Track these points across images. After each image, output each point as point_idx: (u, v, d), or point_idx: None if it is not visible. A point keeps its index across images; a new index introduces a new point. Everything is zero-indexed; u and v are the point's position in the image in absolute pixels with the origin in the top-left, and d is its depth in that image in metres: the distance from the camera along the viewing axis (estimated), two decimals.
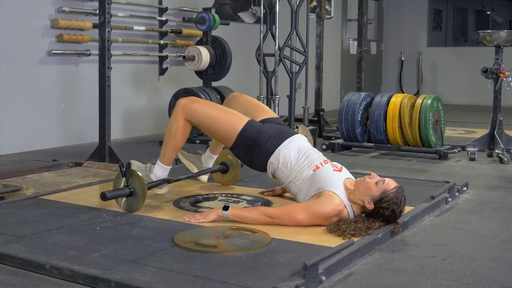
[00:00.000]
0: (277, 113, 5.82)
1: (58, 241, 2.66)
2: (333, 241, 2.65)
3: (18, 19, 5.37)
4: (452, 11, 14.43)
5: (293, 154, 3.16)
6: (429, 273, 2.42)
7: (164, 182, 3.32)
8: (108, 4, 4.67)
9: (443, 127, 5.47)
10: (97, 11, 4.81)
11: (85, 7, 5.88)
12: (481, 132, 5.78)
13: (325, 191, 2.95)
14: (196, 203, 3.40)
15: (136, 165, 3.33)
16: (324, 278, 2.27)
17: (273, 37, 5.92)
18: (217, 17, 6.31)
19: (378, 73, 12.18)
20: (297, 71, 5.87)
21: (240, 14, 8.17)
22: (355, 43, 8.74)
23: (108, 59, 4.68)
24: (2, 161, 4.87)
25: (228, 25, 7.00)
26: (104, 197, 3.06)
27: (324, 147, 5.72)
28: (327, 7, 9.71)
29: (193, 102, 3.22)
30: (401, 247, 2.75)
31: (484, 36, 5.25)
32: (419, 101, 5.29)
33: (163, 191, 3.36)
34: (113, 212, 3.15)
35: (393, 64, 12.30)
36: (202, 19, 6.26)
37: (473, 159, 5.17)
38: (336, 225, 2.83)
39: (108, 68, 4.68)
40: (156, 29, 6.66)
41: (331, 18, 9.05)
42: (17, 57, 5.38)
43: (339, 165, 3.16)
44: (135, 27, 6.32)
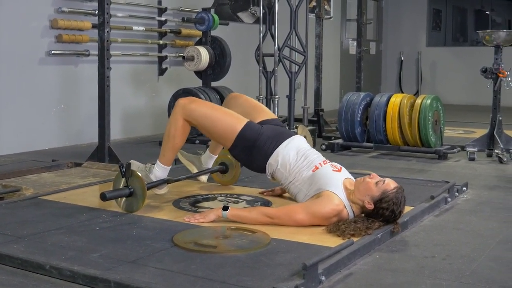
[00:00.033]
0: (276, 113, 5.82)
1: (57, 241, 2.66)
2: (332, 241, 2.66)
3: (18, 19, 5.37)
4: (452, 11, 14.44)
5: (292, 155, 3.15)
6: (428, 273, 2.42)
7: (164, 182, 3.32)
8: (108, 4, 4.67)
9: (442, 127, 5.47)
10: (97, 11, 4.81)
11: (85, 7, 5.88)
12: (480, 132, 5.77)
13: (324, 191, 2.95)
14: (196, 203, 3.40)
15: (136, 165, 3.34)
16: (323, 278, 2.27)
17: (273, 37, 5.91)
18: (216, 17, 6.31)
19: (378, 73, 12.18)
20: (296, 71, 5.87)
21: (239, 14, 8.16)
22: (355, 43, 8.74)
23: (108, 59, 4.68)
24: (2, 162, 4.87)
25: (227, 25, 7.00)
26: (104, 197, 3.06)
27: (324, 147, 5.72)
28: (326, 7, 9.72)
29: (192, 102, 3.22)
30: (401, 247, 2.75)
31: (483, 36, 5.25)
32: (418, 101, 5.29)
33: (162, 191, 3.36)
34: (112, 212, 3.15)
35: (393, 64, 12.30)
36: (202, 19, 6.26)
37: (472, 159, 5.17)
38: (336, 225, 2.83)
39: (108, 68, 4.68)
40: (155, 29, 6.66)
41: (330, 18, 9.05)
42: (16, 58, 5.38)
43: (338, 165, 3.16)
44: (135, 27, 6.32)
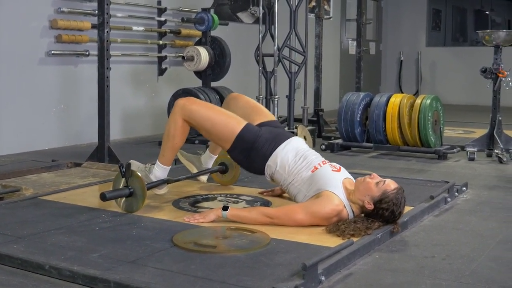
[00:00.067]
0: (276, 113, 5.82)
1: (57, 241, 2.66)
2: (332, 241, 2.66)
3: (17, 19, 5.36)
4: (451, 11, 14.44)
5: (290, 156, 3.15)
6: (428, 273, 2.42)
7: (164, 182, 3.32)
8: (107, 4, 4.67)
9: (442, 127, 5.47)
10: (96, 11, 4.81)
11: (84, 7, 5.88)
12: (480, 132, 5.77)
13: (324, 191, 2.95)
14: (196, 203, 3.40)
15: (136, 165, 3.34)
16: (323, 278, 2.27)
17: (272, 37, 5.91)
18: (216, 17, 6.31)
19: (377, 73, 12.18)
20: (296, 71, 5.87)
21: (239, 15, 8.16)
22: (354, 43, 8.75)
23: (107, 59, 4.68)
24: (2, 162, 4.87)
25: (227, 25, 6.99)
26: (103, 197, 3.06)
27: (324, 147, 5.72)
28: (326, 7, 9.72)
29: (191, 103, 3.22)
30: (401, 247, 2.75)
31: (483, 36, 5.25)
32: (418, 101, 5.29)
33: (162, 191, 3.36)
34: (112, 212, 3.15)
35: (392, 64, 12.30)
36: (201, 20, 6.26)
37: (472, 159, 5.17)
38: (336, 225, 2.83)
39: (107, 68, 4.68)
40: (155, 30, 6.66)
41: (330, 18, 9.05)
42: (16, 58, 5.37)
43: (337, 165, 3.15)
44: (134, 28, 6.32)
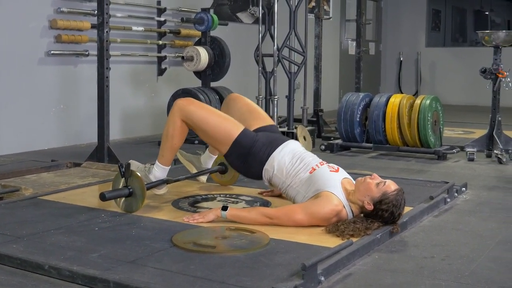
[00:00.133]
0: (276, 114, 5.82)
1: (56, 241, 2.66)
2: (332, 242, 2.66)
3: (17, 19, 5.36)
4: (451, 11, 14.46)
5: (287, 159, 3.15)
6: (428, 273, 2.42)
7: (163, 182, 3.32)
8: (107, 4, 4.67)
9: (442, 127, 5.48)
10: (96, 11, 4.81)
11: (84, 7, 5.88)
12: (480, 133, 5.77)
13: (323, 191, 2.94)
14: (195, 203, 3.40)
15: (135, 165, 3.33)
16: (322, 279, 2.27)
17: (272, 37, 5.91)
18: (215, 17, 6.31)
19: (377, 74, 12.18)
20: (295, 71, 5.87)
21: (238, 15, 8.16)
22: (354, 43, 8.75)
23: (107, 59, 4.68)
24: (1, 162, 4.87)
25: (226, 25, 6.99)
26: (103, 197, 3.06)
27: (323, 147, 5.72)
28: (325, 7, 9.72)
29: (190, 104, 3.21)
30: (400, 248, 2.75)
31: (482, 36, 5.25)
32: (417, 101, 5.29)
33: (162, 191, 3.36)
34: (112, 212, 3.15)
35: (392, 65, 12.30)
36: (201, 20, 6.26)
37: (472, 160, 5.17)
38: (335, 225, 2.83)
39: (107, 68, 4.68)
40: (154, 30, 6.66)
41: (329, 18, 9.05)
42: (15, 58, 5.37)
43: (335, 166, 3.15)
44: (134, 28, 6.32)
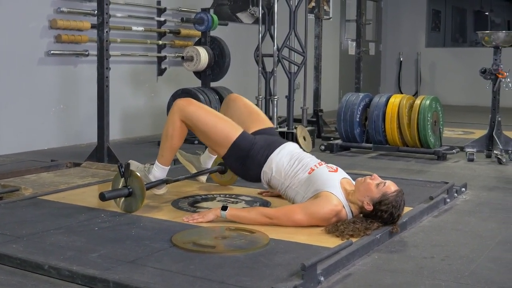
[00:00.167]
0: (275, 114, 5.82)
1: (56, 241, 2.66)
2: (331, 242, 2.66)
3: (17, 19, 5.36)
4: (451, 11, 14.47)
5: (285, 160, 3.15)
6: (427, 273, 2.42)
7: (163, 182, 3.32)
8: (107, 4, 4.67)
9: (441, 127, 5.48)
10: (96, 11, 4.81)
11: (84, 7, 5.88)
12: (479, 133, 5.78)
13: (322, 191, 2.94)
14: (195, 203, 3.40)
15: (135, 165, 3.33)
16: (322, 279, 2.27)
17: (272, 37, 5.91)
18: (215, 17, 6.31)
19: (377, 74, 12.18)
20: (295, 71, 5.87)
21: (238, 15, 8.16)
22: (354, 43, 8.75)
23: (107, 59, 4.68)
24: (1, 161, 4.87)
25: (226, 25, 6.99)
26: (103, 197, 3.06)
27: (323, 147, 5.72)
28: (325, 7, 9.72)
29: (189, 104, 3.21)
30: (400, 248, 2.75)
31: (482, 36, 5.25)
32: (417, 101, 5.29)
33: (161, 191, 3.36)
34: (111, 212, 3.15)
35: (392, 65, 12.30)
36: (201, 20, 6.26)
37: (471, 160, 5.17)
38: (335, 225, 2.83)
39: (107, 68, 4.68)
40: (154, 30, 6.66)
41: (329, 18, 9.04)
42: (15, 58, 5.37)
43: (334, 166, 3.14)
44: (134, 28, 6.32)
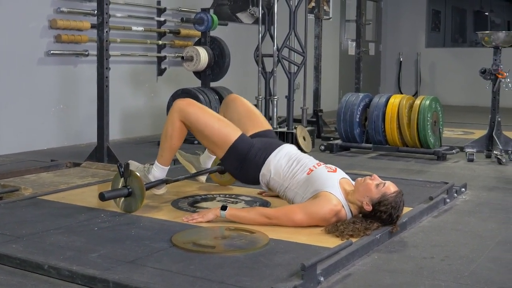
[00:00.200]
0: (275, 114, 5.82)
1: (56, 241, 2.66)
2: (331, 242, 2.66)
3: (17, 19, 5.36)
4: (451, 12, 14.47)
5: (283, 162, 3.15)
6: (427, 274, 2.42)
7: (162, 182, 3.32)
8: (106, 4, 4.67)
9: (441, 128, 5.48)
10: (96, 11, 4.81)
11: (84, 7, 5.88)
12: (479, 133, 5.78)
13: (321, 191, 2.94)
14: (195, 203, 3.40)
15: (134, 165, 3.33)
16: (322, 279, 2.27)
17: (272, 37, 5.91)
18: (215, 17, 6.31)
19: (377, 74, 12.18)
20: (295, 71, 5.87)
21: (238, 15, 8.16)
22: (354, 44, 8.75)
23: (107, 59, 4.68)
24: (1, 161, 4.87)
25: (226, 25, 6.99)
26: (102, 197, 3.06)
27: (323, 147, 5.72)
28: (325, 7, 9.72)
29: (189, 105, 3.21)
30: (399, 248, 2.75)
31: (482, 37, 5.25)
32: (417, 102, 5.29)
33: (161, 191, 3.36)
34: (111, 212, 3.15)
35: (392, 65, 12.30)
36: (201, 20, 6.26)
37: (471, 160, 5.17)
38: (334, 225, 2.83)
39: (107, 68, 4.68)
40: (154, 30, 6.66)
41: (329, 19, 9.04)
42: (15, 58, 5.37)
43: (333, 167, 3.14)
44: (134, 28, 6.32)
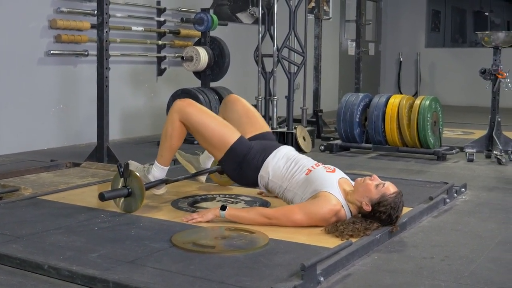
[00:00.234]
0: (275, 114, 5.82)
1: (56, 241, 2.66)
2: (331, 242, 2.66)
3: (17, 19, 5.36)
4: (451, 12, 14.46)
5: (282, 163, 3.16)
6: (427, 274, 2.42)
7: (162, 182, 3.32)
8: (106, 4, 4.67)
9: (441, 128, 5.48)
10: (95, 11, 4.81)
11: (83, 7, 5.88)
12: (479, 133, 5.78)
13: (321, 191, 2.94)
14: (194, 203, 3.40)
15: (134, 165, 3.33)
16: (322, 279, 2.27)
17: (271, 37, 5.91)
18: (215, 17, 6.31)
19: (377, 74, 12.18)
20: (295, 71, 5.87)
21: (238, 15, 8.16)
22: (353, 44, 8.75)
23: (106, 59, 4.68)
24: (0, 161, 4.87)
25: (226, 25, 6.99)
26: (102, 197, 3.06)
27: (323, 148, 5.72)
28: (325, 8, 9.72)
29: (189, 105, 3.21)
30: (399, 248, 2.75)
31: (482, 37, 5.25)
32: (417, 102, 5.29)
33: (161, 191, 3.36)
34: (111, 212, 3.15)
35: (391, 65, 12.30)
36: (200, 20, 6.26)
37: (471, 160, 5.17)
38: (334, 225, 2.83)
39: (106, 68, 4.68)
40: (154, 30, 6.66)
41: (329, 19, 9.05)
42: (15, 58, 5.37)
43: (331, 167, 3.14)
44: (133, 28, 6.32)
